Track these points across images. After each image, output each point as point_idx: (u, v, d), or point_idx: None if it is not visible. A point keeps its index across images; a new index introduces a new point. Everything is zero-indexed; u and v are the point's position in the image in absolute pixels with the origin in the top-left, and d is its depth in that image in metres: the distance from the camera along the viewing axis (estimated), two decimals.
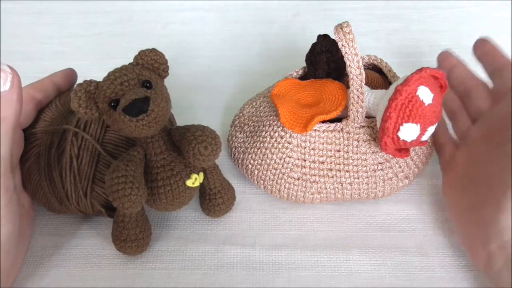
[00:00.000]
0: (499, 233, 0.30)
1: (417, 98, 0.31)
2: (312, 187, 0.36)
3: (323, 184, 0.36)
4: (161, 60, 0.31)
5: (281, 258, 0.35)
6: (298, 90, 0.38)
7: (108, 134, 0.35)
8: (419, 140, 0.32)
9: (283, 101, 0.36)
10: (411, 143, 0.32)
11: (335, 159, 0.35)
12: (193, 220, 0.37)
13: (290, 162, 0.36)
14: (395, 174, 0.36)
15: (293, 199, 0.37)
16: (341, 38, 0.33)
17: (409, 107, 0.31)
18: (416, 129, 0.31)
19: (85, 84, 0.29)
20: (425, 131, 0.32)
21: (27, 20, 0.60)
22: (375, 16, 0.59)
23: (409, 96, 0.31)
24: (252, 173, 0.38)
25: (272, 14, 0.60)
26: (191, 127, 0.31)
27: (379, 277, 0.33)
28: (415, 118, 0.31)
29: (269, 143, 0.37)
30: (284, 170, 0.36)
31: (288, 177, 0.36)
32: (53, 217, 0.38)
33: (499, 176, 0.31)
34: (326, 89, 0.37)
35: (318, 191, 0.36)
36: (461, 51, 0.53)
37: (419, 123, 0.31)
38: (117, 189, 0.29)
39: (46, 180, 0.34)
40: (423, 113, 0.31)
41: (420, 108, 0.31)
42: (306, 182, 0.36)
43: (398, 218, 0.37)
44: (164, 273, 0.34)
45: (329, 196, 0.36)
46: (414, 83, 0.31)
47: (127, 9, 0.61)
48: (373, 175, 0.36)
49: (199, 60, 0.54)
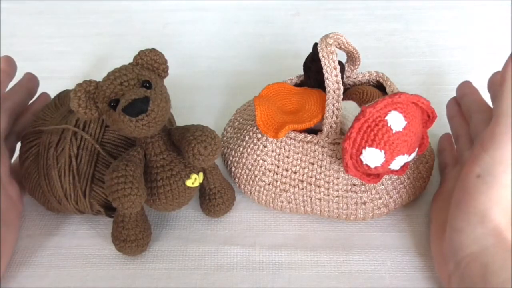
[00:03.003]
0: (453, 252, 0.29)
1: (384, 122, 0.29)
2: (281, 195, 0.35)
3: (293, 195, 0.35)
4: (161, 60, 0.31)
5: (281, 258, 0.35)
6: (286, 96, 0.37)
7: (107, 134, 0.35)
8: (385, 167, 0.31)
9: (265, 104, 0.36)
10: (376, 169, 0.31)
11: (308, 171, 0.34)
12: (193, 220, 0.37)
13: (264, 165, 0.35)
14: (370, 199, 0.34)
15: (263, 204, 0.36)
16: (322, 49, 0.32)
17: (374, 131, 0.29)
18: (380, 155, 0.30)
19: (84, 84, 0.29)
20: (392, 159, 0.30)
21: (27, 20, 0.61)
22: (375, 16, 0.59)
23: (376, 119, 0.29)
24: (230, 170, 0.38)
25: (272, 14, 0.60)
26: (191, 127, 0.31)
27: (379, 277, 0.33)
28: (379, 144, 0.29)
29: (247, 143, 0.36)
30: (256, 172, 0.36)
31: (260, 180, 0.36)
32: (53, 217, 0.38)
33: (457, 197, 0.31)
34: (311, 99, 0.36)
35: (288, 200, 0.35)
36: (461, 51, 0.54)
37: (383, 149, 0.30)
38: (117, 189, 0.29)
39: (45, 179, 0.34)
40: (389, 139, 0.29)
41: (386, 134, 0.29)
42: (276, 189, 0.35)
43: (398, 218, 0.37)
44: (164, 273, 0.34)
45: (298, 208, 0.35)
46: (384, 107, 0.29)
47: (127, 9, 0.62)
48: (344, 195, 0.34)
49: (199, 60, 0.54)
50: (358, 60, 0.38)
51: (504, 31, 0.55)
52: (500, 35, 0.55)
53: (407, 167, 0.33)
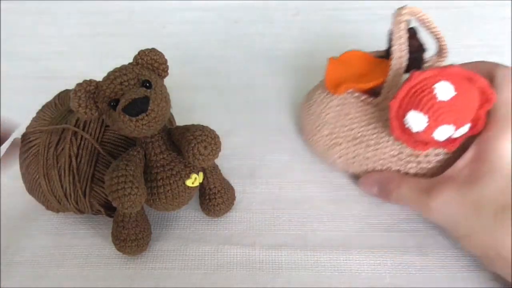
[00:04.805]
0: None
1: (431, 89, 0.30)
2: (334, 148, 0.38)
3: (344, 149, 0.37)
4: (161, 60, 0.31)
5: (281, 258, 0.35)
6: (361, 62, 0.39)
7: (107, 134, 0.35)
8: (428, 134, 0.31)
9: (336, 64, 0.38)
10: (419, 135, 0.31)
11: (363, 130, 0.36)
12: (193, 220, 0.37)
13: (325, 118, 0.38)
14: (414, 172, 0.35)
15: (319, 154, 0.40)
16: (394, 18, 0.34)
17: (420, 95, 0.30)
18: (423, 120, 0.31)
19: (84, 83, 0.29)
20: (436, 127, 0.31)
21: (27, 20, 0.61)
22: (375, 16, 0.59)
23: (423, 85, 0.31)
24: (299, 117, 0.42)
25: (272, 14, 0.60)
26: (191, 127, 0.31)
27: (379, 277, 0.33)
28: (423, 108, 0.30)
29: (318, 96, 0.40)
30: (318, 123, 0.39)
31: (319, 131, 0.39)
32: (52, 217, 0.38)
33: None
34: (380, 66, 0.37)
35: (339, 154, 0.38)
36: (461, 51, 0.54)
37: (426, 114, 0.30)
38: (117, 189, 0.29)
39: (45, 179, 0.34)
40: (433, 106, 0.30)
41: (431, 100, 0.30)
42: (331, 142, 0.38)
43: (398, 218, 0.37)
44: (164, 273, 0.34)
45: (347, 163, 0.38)
46: (434, 75, 0.31)
47: (127, 9, 0.62)
48: (389, 160, 0.35)
49: (199, 60, 0.54)
50: (445, 51, 0.39)
51: (504, 31, 0.55)
52: (500, 35, 0.55)
53: (456, 144, 0.32)
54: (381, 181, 0.36)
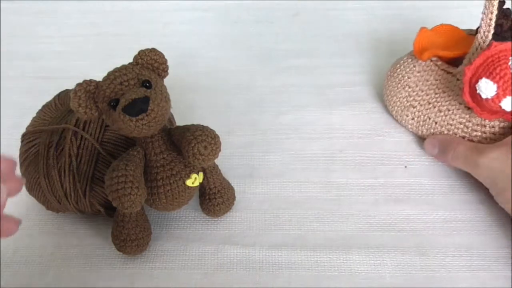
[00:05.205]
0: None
1: (506, 60, 0.32)
2: (409, 109, 0.41)
3: (418, 112, 0.41)
4: (161, 60, 0.31)
5: (281, 258, 0.35)
6: (451, 35, 0.42)
7: (107, 134, 0.35)
8: (496, 102, 0.33)
9: (427, 34, 0.41)
10: (487, 102, 0.33)
11: (438, 96, 0.39)
12: (193, 220, 0.37)
13: (407, 82, 0.41)
14: (478, 142, 0.37)
15: (393, 113, 0.44)
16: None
17: (494, 64, 0.32)
18: (493, 88, 0.32)
19: (84, 83, 0.29)
20: (504, 96, 0.32)
21: (27, 20, 0.61)
22: (375, 16, 0.59)
23: (500, 56, 0.32)
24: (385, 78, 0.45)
25: (272, 14, 0.60)
26: (191, 126, 0.31)
27: (379, 277, 0.33)
28: (495, 77, 0.32)
29: (403, 60, 0.43)
30: (399, 85, 0.42)
31: (400, 92, 0.42)
32: (52, 216, 0.38)
33: None
34: (468, 40, 0.40)
35: (412, 116, 0.41)
36: None
37: (497, 83, 0.32)
38: (117, 189, 0.29)
39: (45, 179, 0.34)
40: (505, 75, 0.32)
41: (504, 70, 0.32)
42: (408, 103, 0.41)
43: (398, 218, 0.37)
44: (164, 273, 0.34)
45: (418, 126, 0.41)
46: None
47: (127, 9, 0.62)
48: (457, 126, 0.38)
49: (199, 60, 0.54)
50: None
51: None
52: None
53: None
54: (443, 142, 0.39)
